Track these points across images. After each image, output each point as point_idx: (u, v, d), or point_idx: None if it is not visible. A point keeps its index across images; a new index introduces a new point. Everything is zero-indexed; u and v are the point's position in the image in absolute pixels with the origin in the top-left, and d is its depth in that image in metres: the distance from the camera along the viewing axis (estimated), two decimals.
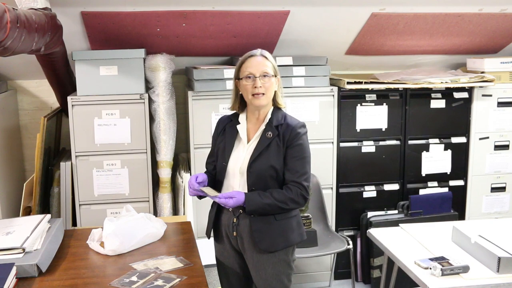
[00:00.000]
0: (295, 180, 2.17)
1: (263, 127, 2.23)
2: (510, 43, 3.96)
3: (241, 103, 2.31)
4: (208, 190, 2.17)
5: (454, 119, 3.76)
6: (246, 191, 2.18)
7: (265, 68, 2.18)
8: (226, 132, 2.31)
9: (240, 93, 2.26)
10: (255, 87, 2.16)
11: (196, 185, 2.18)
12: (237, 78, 2.25)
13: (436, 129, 3.75)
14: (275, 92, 2.24)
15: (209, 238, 2.37)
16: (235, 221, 2.22)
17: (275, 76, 2.22)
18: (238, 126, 2.28)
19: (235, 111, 2.35)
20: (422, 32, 3.59)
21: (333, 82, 3.62)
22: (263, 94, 2.17)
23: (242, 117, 2.30)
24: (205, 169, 2.43)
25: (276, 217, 2.19)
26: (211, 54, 3.64)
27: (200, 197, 2.27)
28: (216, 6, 3.07)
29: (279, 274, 2.22)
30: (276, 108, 2.27)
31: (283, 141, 2.19)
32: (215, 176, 2.32)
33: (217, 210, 2.30)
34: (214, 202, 2.31)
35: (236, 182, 2.22)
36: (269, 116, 2.23)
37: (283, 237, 2.20)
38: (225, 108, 3.34)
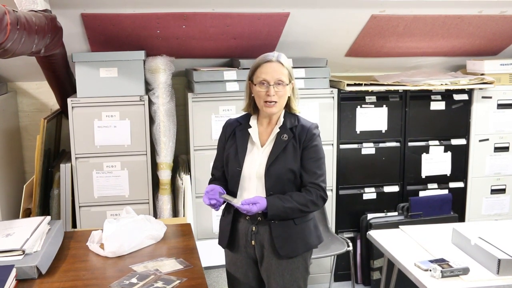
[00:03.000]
0: (314, 182, 2.13)
1: (277, 129, 2.18)
2: (510, 45, 3.97)
3: (254, 104, 2.23)
4: (228, 197, 2.12)
5: (454, 121, 3.76)
6: (264, 196, 2.13)
7: (280, 76, 2.11)
8: (236, 136, 2.23)
9: (253, 95, 2.20)
10: (268, 95, 2.10)
11: (218, 200, 2.11)
12: (251, 80, 2.18)
13: (436, 131, 3.75)
14: (289, 97, 2.18)
15: (224, 248, 2.30)
16: (254, 229, 2.18)
17: (290, 82, 2.16)
18: (250, 130, 2.21)
19: (244, 114, 2.29)
20: (421, 34, 3.60)
21: (333, 84, 3.63)
22: (276, 102, 2.12)
23: (253, 120, 2.24)
24: (210, 175, 2.36)
25: (295, 222, 2.16)
26: (211, 56, 3.64)
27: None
28: (216, 8, 3.08)
29: (297, 280, 2.20)
30: (287, 111, 2.22)
31: (299, 143, 2.15)
32: (225, 181, 2.26)
33: (233, 219, 2.22)
34: (226, 210, 2.26)
35: (253, 187, 2.17)
36: (282, 119, 2.19)
37: (303, 241, 2.18)
38: (225, 110, 3.34)
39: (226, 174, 2.26)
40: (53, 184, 3.38)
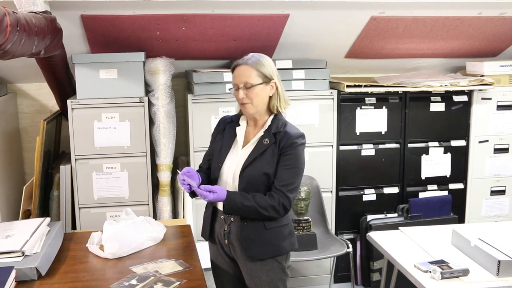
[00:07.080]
0: (279, 189, 2.13)
1: (261, 133, 2.20)
2: (510, 47, 3.97)
3: None
4: (189, 179, 2.11)
5: (454, 122, 3.76)
6: None
7: (245, 79, 2.13)
8: (225, 133, 2.30)
9: None
10: (239, 98, 2.16)
11: (181, 177, 2.12)
12: None
13: (435, 132, 3.76)
14: (270, 97, 2.18)
15: (207, 240, 2.34)
16: (226, 229, 2.21)
17: (266, 82, 2.15)
18: (237, 128, 2.26)
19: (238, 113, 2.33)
20: (421, 35, 3.60)
21: (332, 85, 3.63)
22: (249, 103, 2.15)
23: (243, 120, 2.28)
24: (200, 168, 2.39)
25: (266, 226, 2.16)
26: (211, 58, 3.64)
27: (192, 195, 2.22)
28: (216, 10, 3.08)
29: (273, 281, 2.20)
30: (277, 115, 2.23)
31: (278, 148, 2.15)
32: (210, 174, 2.29)
33: (212, 214, 2.27)
34: (208, 204, 2.29)
35: (229, 185, 2.19)
36: (268, 123, 2.20)
37: (273, 246, 2.18)
38: (224, 112, 3.34)
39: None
40: (53, 186, 3.38)
